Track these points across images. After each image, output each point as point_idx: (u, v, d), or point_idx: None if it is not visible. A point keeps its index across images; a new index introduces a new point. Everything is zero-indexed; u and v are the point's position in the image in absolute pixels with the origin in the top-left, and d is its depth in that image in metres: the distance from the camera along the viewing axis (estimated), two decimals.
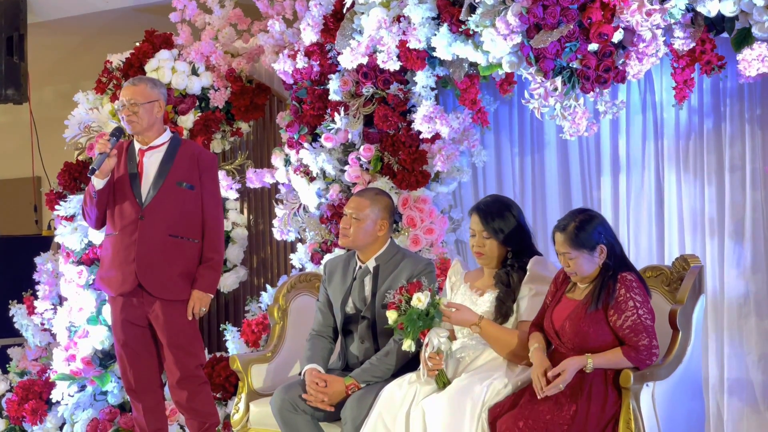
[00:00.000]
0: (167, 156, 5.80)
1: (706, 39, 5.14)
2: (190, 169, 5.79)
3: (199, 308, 5.76)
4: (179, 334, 5.75)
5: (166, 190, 5.74)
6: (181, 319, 5.74)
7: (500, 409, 4.59)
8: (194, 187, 5.78)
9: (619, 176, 6.07)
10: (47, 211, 7.57)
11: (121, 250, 5.74)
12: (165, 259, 5.71)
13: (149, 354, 5.87)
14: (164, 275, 5.71)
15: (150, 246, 5.70)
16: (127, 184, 5.77)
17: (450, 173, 6.13)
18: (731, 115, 5.71)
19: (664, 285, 4.97)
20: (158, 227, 5.71)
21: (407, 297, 4.79)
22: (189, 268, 5.76)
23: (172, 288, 5.73)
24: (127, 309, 5.79)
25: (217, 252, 5.83)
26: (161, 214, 5.72)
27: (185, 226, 5.75)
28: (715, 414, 5.78)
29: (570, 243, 4.60)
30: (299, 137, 6.36)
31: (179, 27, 7.13)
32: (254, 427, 5.52)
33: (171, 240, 5.73)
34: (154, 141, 5.82)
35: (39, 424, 7.01)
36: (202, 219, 5.78)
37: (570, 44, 5.13)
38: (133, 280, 5.71)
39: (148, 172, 5.79)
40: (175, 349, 5.75)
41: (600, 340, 4.57)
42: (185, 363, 5.78)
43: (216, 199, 5.87)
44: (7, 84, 7.79)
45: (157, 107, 5.79)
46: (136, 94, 5.76)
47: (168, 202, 5.74)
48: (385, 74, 5.95)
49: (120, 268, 5.74)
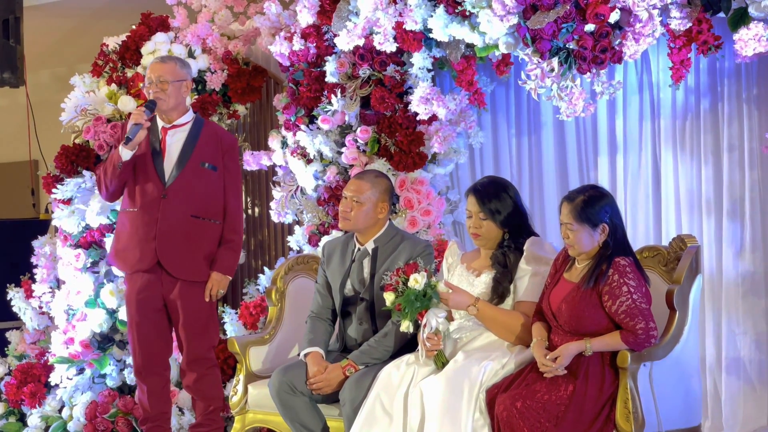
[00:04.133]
0: (191, 136, 5.79)
1: (703, 19, 5.13)
2: (213, 150, 5.79)
3: (217, 290, 5.76)
4: (195, 314, 5.76)
5: (190, 170, 5.74)
6: (198, 300, 5.75)
7: (498, 390, 4.60)
8: (217, 168, 5.78)
9: (616, 157, 6.07)
10: (44, 194, 7.56)
11: (140, 227, 5.73)
12: (186, 240, 5.71)
13: (160, 337, 5.86)
14: (185, 255, 5.71)
15: (172, 225, 5.70)
16: (149, 162, 5.75)
17: (447, 155, 6.13)
18: (728, 94, 5.71)
19: (661, 265, 4.98)
20: (181, 207, 5.71)
21: (404, 278, 4.80)
22: (210, 249, 5.76)
23: (192, 268, 5.73)
24: (144, 289, 5.78)
25: (237, 233, 5.84)
26: (184, 193, 5.72)
27: (207, 207, 5.76)
28: (712, 393, 5.79)
29: (575, 215, 4.61)
30: (296, 119, 6.36)
31: (175, 9, 7.11)
32: (252, 409, 5.53)
33: (193, 220, 5.73)
34: (178, 120, 5.81)
35: (38, 407, 7.03)
36: (224, 200, 5.78)
37: (566, 25, 5.12)
38: (152, 258, 5.71)
39: (171, 151, 5.78)
40: (189, 329, 5.76)
41: (596, 323, 4.58)
42: (198, 344, 5.78)
43: (237, 181, 5.90)
44: (3, 67, 7.76)
45: (185, 87, 5.78)
46: (166, 72, 5.74)
47: (191, 182, 5.74)
48: (382, 56, 5.94)
49: (139, 245, 5.73)
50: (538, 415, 4.47)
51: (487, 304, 4.88)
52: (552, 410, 4.48)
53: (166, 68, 5.77)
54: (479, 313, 4.86)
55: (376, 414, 4.81)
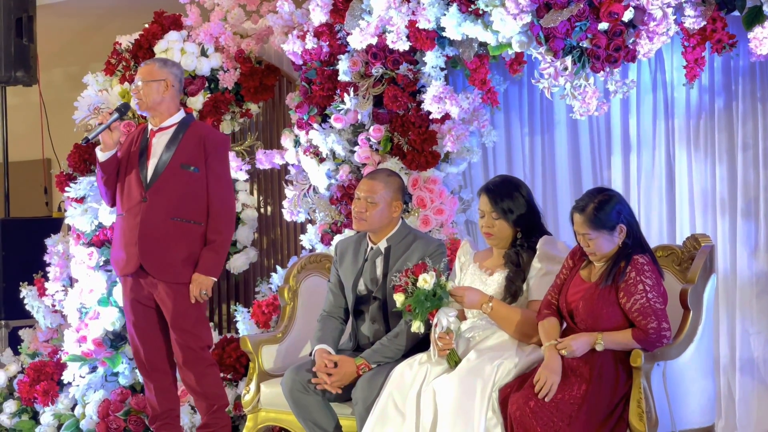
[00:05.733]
0: (173, 138, 5.78)
1: (717, 17, 5.12)
2: (195, 151, 5.76)
3: (200, 291, 5.71)
4: (183, 315, 5.74)
5: (169, 172, 5.72)
6: (184, 302, 5.73)
7: (510, 389, 4.60)
8: (199, 169, 5.75)
9: (629, 156, 6.06)
10: (57, 192, 7.57)
11: (126, 231, 5.76)
12: (167, 242, 5.70)
13: (158, 335, 5.87)
14: (166, 258, 5.70)
15: (152, 228, 5.69)
16: (135, 165, 5.78)
17: (460, 153, 6.12)
18: (743, 93, 5.68)
19: (675, 265, 4.97)
20: (160, 210, 5.70)
21: (413, 279, 4.79)
22: (191, 250, 5.73)
23: (173, 270, 5.72)
24: (135, 289, 5.81)
25: (220, 234, 5.76)
26: (163, 196, 5.71)
27: (188, 209, 5.73)
28: (726, 393, 5.77)
29: (589, 224, 4.59)
30: (309, 118, 6.35)
31: (188, 8, 7.11)
32: (265, 407, 5.53)
33: (173, 223, 5.71)
34: (165, 122, 5.81)
35: (50, 405, 7.04)
36: (207, 201, 5.76)
37: (580, 23, 5.11)
38: (135, 262, 5.73)
39: (154, 154, 5.77)
40: (179, 330, 5.76)
41: (613, 321, 4.56)
42: (189, 345, 5.77)
43: (222, 181, 5.81)
44: (17, 66, 7.79)
45: (163, 86, 5.76)
46: (143, 72, 5.78)
47: (171, 184, 5.72)
48: (395, 54, 5.93)
49: (125, 249, 5.75)
50: (551, 415, 4.46)
51: (500, 302, 4.87)
52: (565, 409, 4.47)
53: (144, 69, 5.80)
54: (493, 312, 4.85)
55: (389, 413, 4.80)
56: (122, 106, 5.81)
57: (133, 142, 5.85)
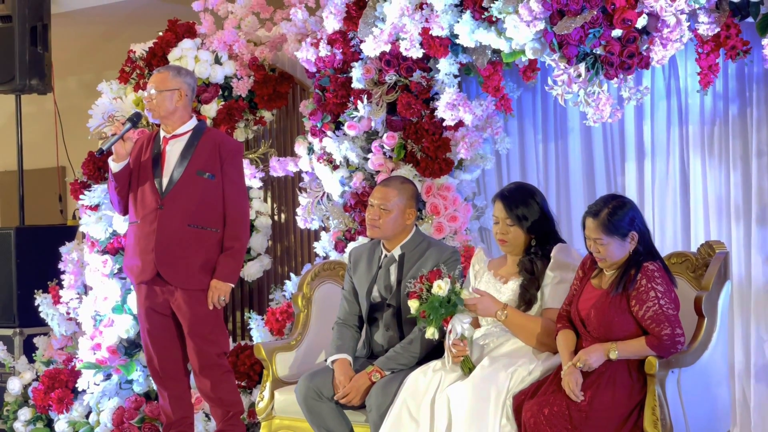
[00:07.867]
0: (188, 145, 5.79)
1: (731, 24, 5.11)
2: (210, 158, 5.77)
3: (218, 297, 5.73)
4: (200, 323, 5.75)
5: (185, 179, 5.73)
6: (202, 308, 5.74)
7: (525, 397, 4.59)
8: (215, 176, 5.77)
9: (643, 162, 6.04)
10: (72, 200, 7.59)
11: (141, 239, 5.75)
12: (183, 249, 5.70)
13: (173, 342, 5.88)
14: (183, 265, 5.71)
15: (168, 236, 5.70)
16: (149, 173, 5.78)
17: (473, 160, 6.12)
18: (757, 100, 5.67)
19: (690, 272, 4.96)
20: (177, 217, 5.71)
21: (428, 285, 4.79)
22: (208, 257, 5.74)
23: (190, 278, 5.72)
24: (151, 297, 5.81)
25: (238, 240, 5.78)
26: (180, 203, 5.72)
27: (205, 216, 5.74)
28: (740, 400, 5.75)
29: (602, 229, 4.59)
30: (322, 125, 6.36)
31: (202, 16, 7.13)
32: (279, 415, 5.53)
33: (189, 230, 5.71)
34: (178, 129, 5.82)
35: (65, 412, 7.06)
36: (223, 208, 5.77)
37: (593, 30, 5.11)
38: (152, 270, 5.73)
39: (169, 162, 5.78)
40: (196, 337, 5.76)
41: (625, 329, 4.56)
42: (206, 351, 5.78)
43: (237, 188, 5.83)
44: (32, 74, 7.81)
45: (177, 96, 5.77)
46: (156, 81, 5.78)
47: (187, 191, 5.73)
48: (408, 62, 5.93)
49: (141, 257, 5.75)
50: (565, 422, 4.46)
51: (515, 310, 4.86)
52: (579, 417, 4.46)
53: (157, 78, 5.81)
54: (507, 320, 4.84)
55: (403, 420, 4.80)
56: (135, 116, 5.82)
57: (143, 148, 5.86)
